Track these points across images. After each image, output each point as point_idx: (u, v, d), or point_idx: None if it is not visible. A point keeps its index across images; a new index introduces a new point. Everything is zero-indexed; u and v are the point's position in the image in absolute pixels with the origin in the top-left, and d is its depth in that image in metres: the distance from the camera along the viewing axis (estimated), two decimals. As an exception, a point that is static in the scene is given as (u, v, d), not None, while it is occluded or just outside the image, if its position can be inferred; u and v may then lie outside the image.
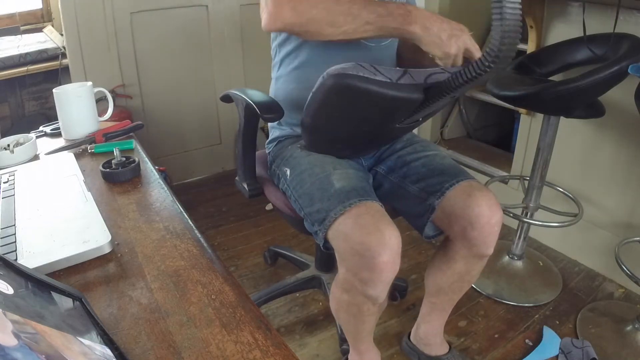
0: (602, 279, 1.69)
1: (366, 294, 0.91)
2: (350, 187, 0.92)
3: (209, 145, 2.55)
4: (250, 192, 1.18)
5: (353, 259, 0.88)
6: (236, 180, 1.24)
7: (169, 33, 2.22)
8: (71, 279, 0.58)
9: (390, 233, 0.85)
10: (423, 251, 1.89)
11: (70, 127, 1.11)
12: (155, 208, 0.76)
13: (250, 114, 1.07)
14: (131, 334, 0.49)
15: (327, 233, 0.91)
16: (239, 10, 2.34)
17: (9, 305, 0.38)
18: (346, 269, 0.92)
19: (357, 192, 0.91)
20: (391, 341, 1.44)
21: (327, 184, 0.94)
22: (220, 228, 2.07)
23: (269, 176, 1.21)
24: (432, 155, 1.08)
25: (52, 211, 0.73)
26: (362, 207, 0.88)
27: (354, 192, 0.91)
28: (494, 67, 0.71)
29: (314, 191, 0.96)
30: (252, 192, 1.18)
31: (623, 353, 1.36)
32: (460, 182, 1.00)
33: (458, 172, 1.03)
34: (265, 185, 1.20)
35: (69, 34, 1.99)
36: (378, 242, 0.84)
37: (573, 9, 1.61)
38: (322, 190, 0.94)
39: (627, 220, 1.62)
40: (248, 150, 1.17)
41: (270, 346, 0.47)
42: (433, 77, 0.81)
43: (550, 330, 1.43)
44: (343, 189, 0.92)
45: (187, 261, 0.62)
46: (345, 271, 0.92)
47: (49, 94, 2.14)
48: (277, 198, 1.14)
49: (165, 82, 2.30)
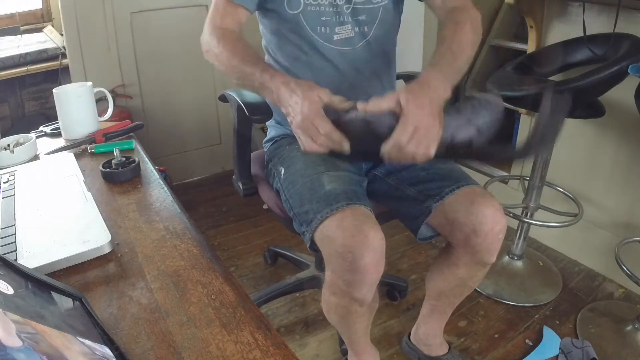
0: (602, 279, 1.69)
1: (352, 296, 0.91)
2: (340, 189, 0.92)
3: (209, 145, 2.55)
4: (244, 191, 1.20)
5: (337, 262, 0.88)
6: (233, 179, 1.25)
7: (169, 33, 2.22)
8: (71, 279, 0.58)
9: (374, 235, 0.85)
10: (423, 251, 1.88)
11: (70, 127, 1.11)
12: (155, 208, 0.76)
13: (243, 114, 1.09)
14: (131, 334, 0.49)
15: (313, 235, 0.91)
16: (239, 10, 2.34)
17: (9, 305, 0.38)
18: (332, 271, 0.92)
19: (345, 196, 0.91)
20: (391, 341, 1.44)
21: (317, 185, 0.94)
22: (220, 228, 2.07)
23: (264, 175, 1.21)
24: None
25: (52, 211, 0.73)
26: (347, 211, 0.88)
27: (343, 195, 0.91)
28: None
29: (305, 192, 0.96)
30: (247, 191, 1.20)
31: (623, 353, 1.36)
32: (461, 188, 0.98)
33: (460, 176, 1.01)
34: (260, 185, 1.20)
35: (69, 34, 1.99)
36: (361, 244, 0.84)
37: (573, 9, 1.61)
38: (312, 191, 0.94)
39: (627, 220, 1.62)
40: (243, 150, 1.18)
41: (270, 346, 0.47)
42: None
43: (551, 331, 1.43)
44: (332, 191, 0.92)
45: (187, 261, 0.62)
46: (331, 273, 0.92)
47: (49, 94, 2.13)
48: (270, 198, 1.15)
49: (165, 82, 2.30)
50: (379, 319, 1.53)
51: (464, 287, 1.11)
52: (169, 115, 2.37)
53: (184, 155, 2.49)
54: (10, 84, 2.11)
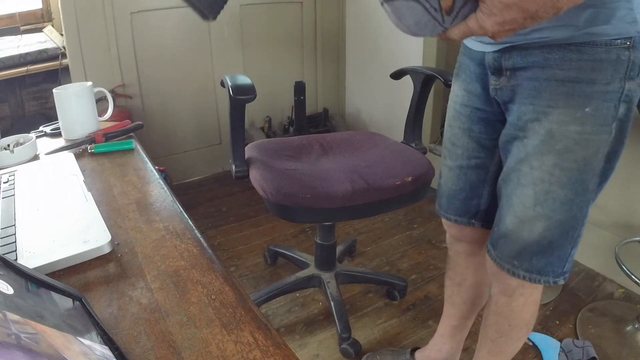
0: (602, 279, 1.69)
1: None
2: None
3: (209, 145, 2.55)
4: (236, 174, 1.27)
5: None
6: (230, 162, 1.32)
7: (169, 33, 2.22)
8: (71, 279, 0.58)
9: None
10: (423, 251, 1.89)
11: (70, 127, 1.11)
12: (155, 208, 0.76)
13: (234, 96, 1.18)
14: (131, 334, 0.49)
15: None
16: (239, 10, 2.34)
17: (9, 305, 0.38)
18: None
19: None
20: (391, 341, 1.44)
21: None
22: (220, 228, 2.07)
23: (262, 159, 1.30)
24: (531, 194, 0.81)
25: (52, 211, 0.73)
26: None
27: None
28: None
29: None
30: (238, 173, 1.27)
31: (623, 353, 1.36)
32: (507, 270, 0.88)
33: (522, 253, 0.85)
34: (251, 169, 1.26)
35: (69, 34, 1.99)
36: None
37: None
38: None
39: (627, 220, 1.62)
40: (236, 132, 1.26)
41: (270, 346, 0.47)
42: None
43: (548, 337, 1.43)
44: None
45: (187, 261, 0.62)
46: None
47: (49, 94, 2.14)
48: (256, 181, 1.21)
49: (165, 82, 2.30)
50: (379, 318, 1.53)
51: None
52: (169, 115, 2.37)
53: (184, 155, 2.49)
54: (10, 84, 2.11)
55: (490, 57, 0.82)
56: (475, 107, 0.91)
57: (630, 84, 0.71)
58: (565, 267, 0.85)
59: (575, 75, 0.71)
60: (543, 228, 0.81)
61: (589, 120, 0.73)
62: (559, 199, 0.78)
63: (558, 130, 0.74)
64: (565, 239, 0.82)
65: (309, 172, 1.25)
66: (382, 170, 1.24)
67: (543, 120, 0.76)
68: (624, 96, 0.71)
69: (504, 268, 0.88)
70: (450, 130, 0.99)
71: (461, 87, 0.94)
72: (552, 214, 0.80)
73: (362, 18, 2.59)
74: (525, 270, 0.86)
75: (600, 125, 0.73)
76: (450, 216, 1.04)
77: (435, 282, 1.70)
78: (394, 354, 1.34)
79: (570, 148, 0.75)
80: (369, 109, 2.73)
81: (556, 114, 0.74)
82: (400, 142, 1.46)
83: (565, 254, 0.84)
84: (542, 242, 0.82)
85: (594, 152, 0.75)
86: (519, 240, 0.84)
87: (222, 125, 2.51)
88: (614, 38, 0.68)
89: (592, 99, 0.71)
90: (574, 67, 0.71)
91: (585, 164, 0.76)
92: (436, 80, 1.33)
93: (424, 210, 2.14)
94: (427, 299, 1.62)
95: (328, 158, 1.39)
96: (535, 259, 0.84)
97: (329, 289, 1.48)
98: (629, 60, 0.69)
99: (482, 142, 0.93)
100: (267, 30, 2.49)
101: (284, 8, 2.51)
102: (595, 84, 0.71)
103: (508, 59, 0.78)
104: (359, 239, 1.94)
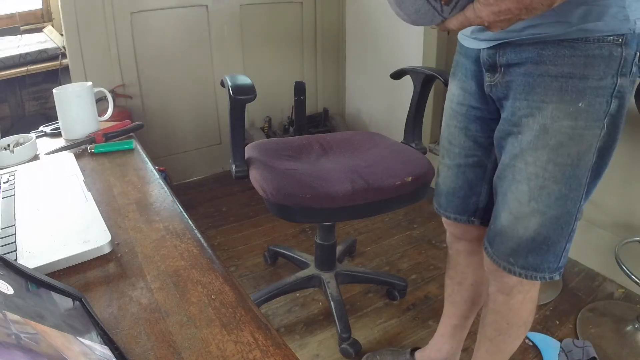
0: (602, 279, 1.69)
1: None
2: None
3: (209, 145, 2.55)
4: (236, 174, 1.27)
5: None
6: (230, 162, 1.31)
7: (169, 33, 2.22)
8: (71, 279, 0.58)
9: None
10: (423, 251, 1.89)
11: (70, 127, 1.11)
12: (155, 208, 0.76)
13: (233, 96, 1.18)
14: (131, 334, 0.49)
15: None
16: (239, 10, 2.34)
17: (9, 305, 0.38)
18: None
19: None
20: (391, 341, 1.44)
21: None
22: (220, 228, 2.08)
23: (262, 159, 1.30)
24: (525, 190, 0.81)
25: (52, 211, 0.73)
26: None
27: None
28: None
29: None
30: (238, 173, 1.27)
31: (623, 353, 1.36)
32: (503, 267, 0.88)
33: (518, 250, 0.85)
34: (251, 169, 1.26)
35: (69, 34, 1.99)
36: None
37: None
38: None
39: (627, 220, 1.62)
40: (236, 132, 1.26)
41: (270, 346, 0.47)
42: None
43: (548, 337, 1.43)
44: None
45: (187, 261, 0.62)
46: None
47: (49, 94, 2.14)
48: (256, 181, 1.21)
49: (165, 82, 2.30)
50: (379, 318, 1.53)
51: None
52: (169, 115, 2.37)
53: (184, 155, 2.49)
54: (10, 84, 2.11)
55: (484, 54, 0.82)
56: (471, 106, 0.91)
57: (623, 80, 0.72)
58: (560, 262, 0.85)
59: (568, 70, 0.72)
60: (538, 224, 0.81)
61: (582, 115, 0.73)
62: (553, 195, 0.79)
63: (552, 125, 0.75)
64: (560, 235, 0.82)
65: (309, 172, 1.25)
66: (382, 170, 1.24)
67: (537, 116, 0.76)
68: (616, 92, 0.72)
69: (500, 265, 0.88)
70: (447, 129, 0.99)
71: (457, 85, 0.94)
72: (547, 210, 0.80)
73: (362, 18, 2.59)
74: (521, 267, 0.86)
75: (593, 121, 0.74)
76: (449, 214, 1.04)
77: (435, 282, 1.70)
78: (394, 354, 1.34)
79: (564, 143, 0.75)
80: (369, 109, 2.73)
81: (550, 109, 0.75)
82: (400, 142, 1.46)
83: (560, 250, 0.84)
84: (538, 238, 0.82)
85: (587, 147, 0.76)
86: (514, 237, 0.84)
87: (222, 125, 2.51)
88: (606, 35, 0.69)
89: (585, 95, 0.72)
90: (567, 62, 0.72)
91: (579, 159, 0.76)
92: (436, 80, 1.34)
93: (424, 210, 2.14)
94: (427, 299, 1.62)
95: (328, 158, 1.39)
96: (530, 256, 0.84)
97: (329, 289, 1.48)
98: (621, 57, 0.70)
99: (479, 140, 0.93)
100: (267, 30, 2.49)
101: (284, 8, 2.51)
102: (588, 79, 0.71)
103: (502, 55, 0.79)
104: (359, 239, 1.94)
